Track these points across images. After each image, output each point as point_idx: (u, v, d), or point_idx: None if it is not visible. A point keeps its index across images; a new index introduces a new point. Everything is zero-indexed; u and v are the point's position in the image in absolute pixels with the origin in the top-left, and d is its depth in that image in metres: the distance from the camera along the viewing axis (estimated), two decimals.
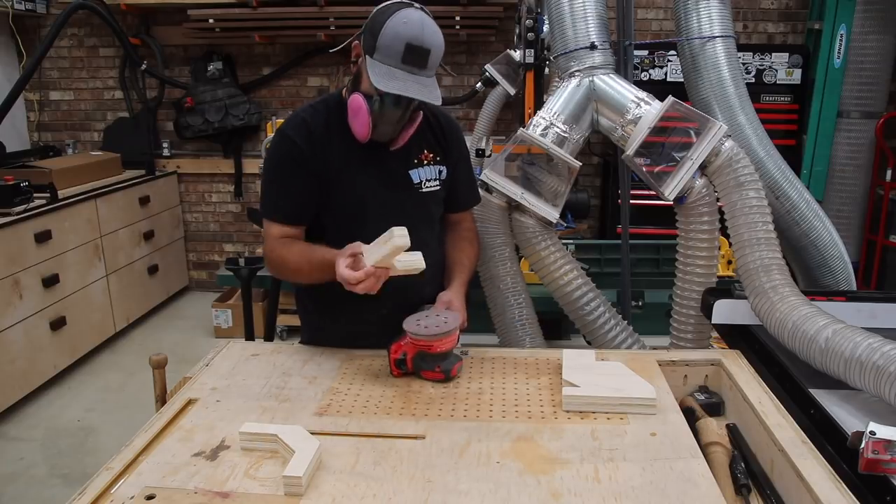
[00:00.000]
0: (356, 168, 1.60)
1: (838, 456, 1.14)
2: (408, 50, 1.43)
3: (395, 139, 1.57)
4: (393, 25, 1.43)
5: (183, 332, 4.28)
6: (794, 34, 4.38)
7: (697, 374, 1.57)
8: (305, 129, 1.58)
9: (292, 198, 1.60)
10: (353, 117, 1.52)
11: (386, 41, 1.43)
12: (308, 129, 1.58)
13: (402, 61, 1.44)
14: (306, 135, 1.57)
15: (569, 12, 2.03)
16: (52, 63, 4.71)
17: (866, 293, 2.71)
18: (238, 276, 2.91)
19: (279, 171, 1.61)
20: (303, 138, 1.57)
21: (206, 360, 1.58)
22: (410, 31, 1.43)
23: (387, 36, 1.43)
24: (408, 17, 1.44)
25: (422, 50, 1.44)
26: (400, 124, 1.55)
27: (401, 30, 1.42)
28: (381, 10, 1.47)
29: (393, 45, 1.43)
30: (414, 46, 1.43)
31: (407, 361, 1.47)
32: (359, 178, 1.60)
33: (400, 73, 1.44)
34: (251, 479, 1.11)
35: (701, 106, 2.28)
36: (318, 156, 1.57)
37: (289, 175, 1.59)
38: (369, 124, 1.50)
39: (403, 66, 1.44)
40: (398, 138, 1.57)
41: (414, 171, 1.65)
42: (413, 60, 1.44)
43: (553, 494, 1.07)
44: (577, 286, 2.01)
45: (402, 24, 1.43)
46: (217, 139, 4.70)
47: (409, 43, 1.43)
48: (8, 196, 3.26)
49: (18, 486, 2.71)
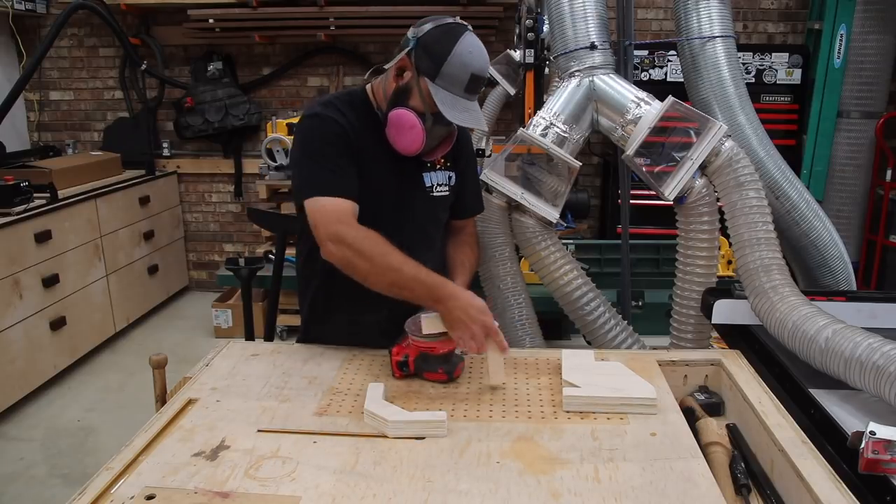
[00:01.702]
0: (376, 167, 1.59)
1: (838, 456, 1.14)
2: (472, 80, 1.48)
3: (433, 152, 1.60)
4: (460, 55, 1.45)
5: (183, 332, 4.28)
6: (794, 34, 4.38)
7: (697, 374, 1.56)
8: (343, 112, 1.56)
9: (346, 172, 1.53)
10: (400, 131, 1.51)
11: (452, 70, 1.46)
12: (344, 113, 1.56)
13: (464, 90, 1.48)
14: (345, 117, 1.56)
15: (569, 12, 2.03)
16: (52, 63, 4.71)
17: (866, 293, 2.71)
18: (238, 276, 2.91)
19: (326, 148, 1.53)
20: (343, 119, 1.55)
21: (206, 360, 1.58)
22: (476, 63, 1.47)
23: (454, 66, 1.46)
24: (472, 47, 1.47)
25: (482, 79, 1.51)
26: (441, 139, 1.59)
27: (467, 60, 1.46)
28: (443, 34, 1.47)
29: (458, 75, 1.46)
30: (477, 77, 1.49)
31: (409, 363, 1.46)
32: (376, 177, 1.59)
33: (462, 102, 1.49)
34: (251, 479, 1.11)
35: (701, 106, 2.28)
36: (353, 140, 1.55)
37: (337, 153, 1.53)
38: (423, 141, 1.51)
39: (465, 95, 1.49)
40: (437, 151, 1.61)
41: (427, 175, 1.65)
42: (473, 88, 1.50)
43: (553, 494, 1.07)
44: (577, 286, 2.01)
45: (469, 55, 1.46)
46: (217, 139, 4.70)
47: (473, 73, 1.47)
48: (8, 196, 3.26)
49: (18, 486, 2.71)
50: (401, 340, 1.48)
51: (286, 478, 1.11)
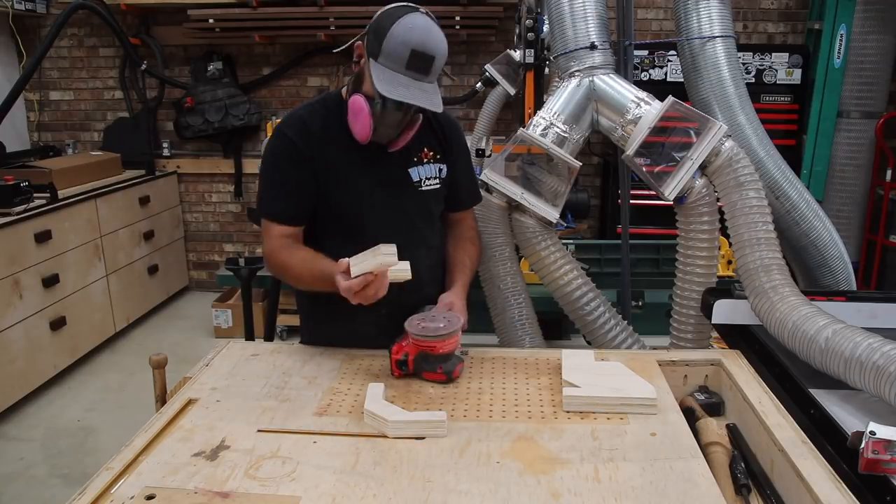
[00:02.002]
0: (355, 167, 1.60)
1: (838, 456, 1.14)
2: (413, 56, 1.43)
3: (394, 141, 1.57)
4: (399, 31, 1.42)
5: (183, 332, 4.28)
6: (794, 34, 4.38)
7: (697, 374, 1.56)
8: (304, 128, 1.58)
9: (291, 197, 1.60)
10: (353, 118, 1.52)
11: (391, 46, 1.43)
12: (306, 128, 1.58)
13: (406, 67, 1.44)
14: (304, 133, 1.57)
15: (569, 12, 2.03)
16: (52, 63, 4.71)
17: (866, 293, 2.71)
18: (238, 276, 2.92)
19: (277, 169, 1.60)
20: (301, 137, 1.57)
21: (206, 360, 1.58)
22: (416, 38, 1.42)
23: (392, 41, 1.42)
24: (414, 23, 1.43)
25: (426, 57, 1.44)
26: (400, 127, 1.55)
27: (406, 36, 1.42)
28: (386, 14, 1.46)
29: (398, 51, 1.43)
30: (419, 53, 1.43)
31: (408, 362, 1.47)
32: (358, 177, 1.60)
33: (403, 79, 1.44)
34: (251, 479, 1.11)
35: (701, 106, 2.28)
36: (316, 154, 1.57)
37: (287, 174, 1.58)
38: (370, 126, 1.49)
39: (407, 72, 1.44)
40: (398, 140, 1.57)
41: (413, 170, 1.65)
42: (417, 67, 1.44)
43: (553, 494, 1.07)
44: (577, 286, 2.01)
45: (408, 30, 1.42)
46: (217, 139, 4.70)
47: (414, 49, 1.42)
48: (8, 196, 3.26)
49: (18, 486, 2.71)
50: (400, 339, 1.49)
51: (286, 478, 1.11)
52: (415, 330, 1.45)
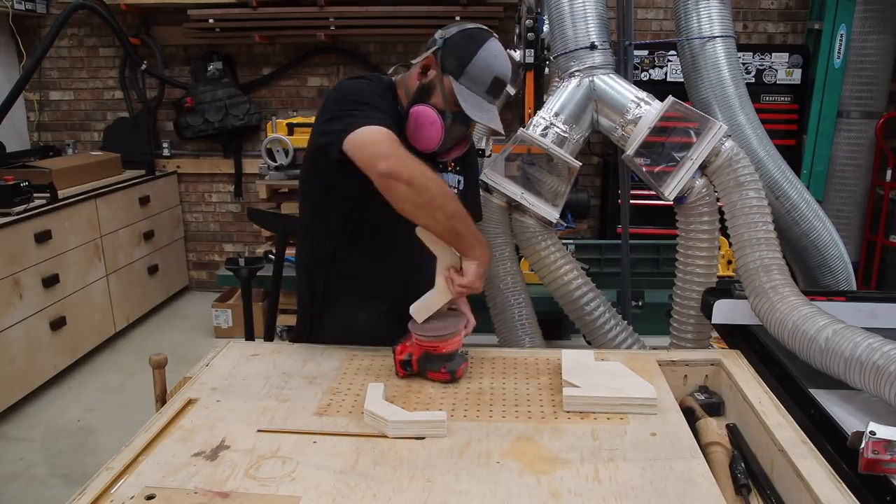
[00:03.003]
0: None
1: (838, 456, 1.14)
2: (494, 82, 1.53)
3: (448, 152, 1.63)
4: (485, 57, 1.51)
5: (183, 332, 4.28)
6: (794, 34, 4.38)
7: (697, 374, 1.56)
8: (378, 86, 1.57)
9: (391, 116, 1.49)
10: (421, 128, 1.53)
11: (476, 70, 1.51)
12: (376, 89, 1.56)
13: (486, 91, 1.53)
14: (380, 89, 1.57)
15: (569, 12, 2.04)
16: (52, 63, 4.71)
17: (866, 293, 2.71)
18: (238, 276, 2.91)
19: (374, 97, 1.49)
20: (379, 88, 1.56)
21: (206, 360, 1.58)
22: (499, 67, 1.53)
23: (478, 66, 1.51)
24: (497, 51, 1.53)
25: (503, 84, 1.56)
26: (457, 140, 1.62)
27: (491, 63, 1.52)
28: (470, 37, 1.53)
29: (482, 76, 1.52)
30: (499, 80, 1.54)
31: (412, 362, 1.46)
32: None
33: (482, 102, 1.54)
34: (251, 479, 1.11)
35: (701, 106, 2.28)
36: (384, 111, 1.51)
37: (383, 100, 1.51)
38: (441, 138, 1.53)
39: (486, 96, 1.54)
40: (452, 151, 1.63)
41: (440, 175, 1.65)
42: (494, 91, 1.55)
43: (553, 494, 1.07)
44: (577, 286, 2.01)
45: (493, 58, 1.52)
46: (217, 139, 4.69)
47: (496, 77, 1.53)
48: (8, 196, 3.26)
49: (18, 486, 2.71)
50: (404, 339, 1.48)
51: (286, 478, 1.11)
52: (418, 330, 1.45)
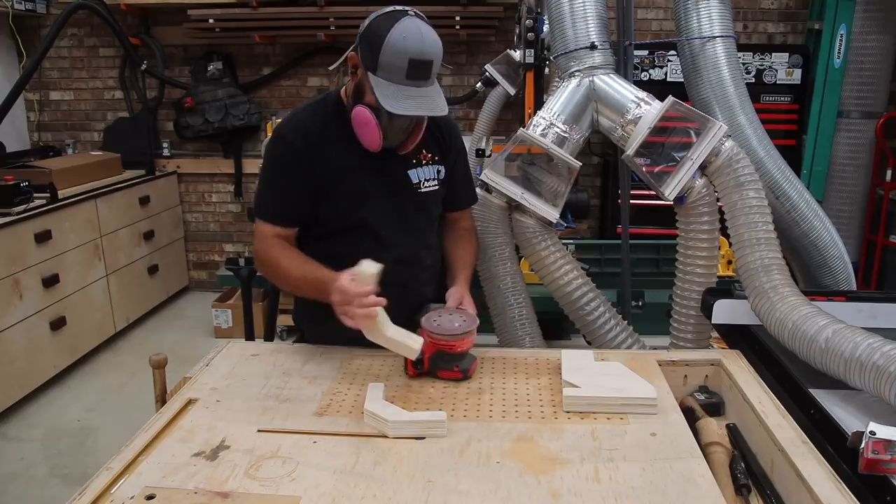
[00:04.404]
0: (355, 170, 1.59)
1: (838, 456, 1.14)
2: (411, 66, 1.41)
3: (404, 144, 1.58)
4: (393, 42, 1.40)
5: (183, 332, 4.28)
6: (794, 34, 4.38)
7: (697, 374, 1.57)
8: (303, 130, 1.58)
9: (287, 199, 1.60)
10: (360, 130, 1.51)
11: (388, 59, 1.41)
12: (306, 130, 1.58)
13: (406, 77, 1.42)
14: (303, 135, 1.57)
15: (569, 12, 2.03)
16: (52, 63, 4.71)
17: (866, 293, 2.71)
18: (238, 276, 2.91)
19: (275, 171, 1.60)
20: (300, 139, 1.56)
21: (206, 360, 1.58)
22: (412, 46, 1.40)
23: (388, 54, 1.41)
24: (406, 31, 1.40)
25: (425, 63, 1.43)
26: (408, 131, 1.56)
27: (401, 46, 1.40)
28: (376, 24, 1.44)
29: (395, 63, 1.41)
30: (417, 61, 1.41)
31: (424, 361, 1.46)
32: (357, 179, 1.60)
33: (406, 90, 1.43)
34: (251, 479, 1.11)
35: (701, 106, 2.28)
36: (314, 156, 1.57)
37: (285, 176, 1.58)
38: (380, 136, 1.50)
39: (408, 82, 1.43)
40: (407, 143, 1.58)
41: (413, 172, 1.65)
42: (417, 74, 1.43)
43: (553, 494, 1.07)
44: (577, 286, 2.01)
45: (403, 40, 1.40)
46: (217, 139, 4.69)
47: (412, 59, 1.41)
48: (8, 196, 3.26)
49: (18, 486, 2.71)
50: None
51: (286, 478, 1.11)
52: (432, 328, 1.44)
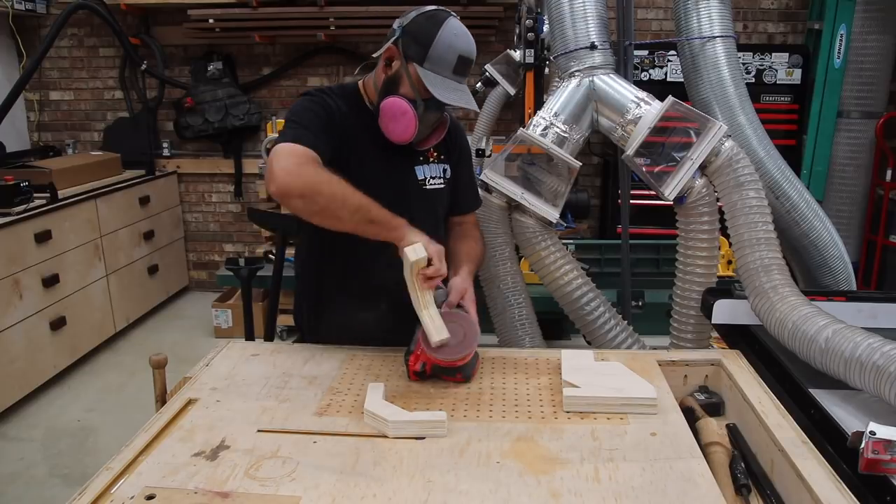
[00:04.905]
0: (364, 159, 1.59)
1: (838, 456, 1.14)
2: (459, 61, 1.51)
3: (427, 139, 1.62)
4: (446, 37, 1.50)
5: (183, 332, 4.28)
6: (794, 34, 4.38)
7: (697, 374, 1.56)
8: (334, 98, 1.59)
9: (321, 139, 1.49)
10: (394, 119, 1.53)
11: (439, 52, 1.49)
12: (335, 100, 1.58)
13: (452, 71, 1.52)
14: (335, 101, 1.58)
15: (569, 12, 2.03)
16: (52, 63, 4.71)
17: (866, 293, 2.72)
18: (238, 276, 2.91)
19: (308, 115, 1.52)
20: (333, 101, 1.57)
21: (206, 360, 1.58)
22: (462, 44, 1.51)
23: (440, 48, 1.49)
24: (457, 30, 1.52)
25: (469, 61, 1.54)
26: (433, 126, 1.61)
27: (453, 41, 1.50)
28: (427, 19, 1.52)
29: (445, 57, 1.50)
30: (464, 58, 1.52)
31: (426, 370, 1.45)
32: (367, 168, 1.59)
33: (450, 83, 1.52)
34: (251, 479, 1.11)
35: (701, 106, 2.28)
36: (339, 125, 1.56)
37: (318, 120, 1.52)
38: (415, 126, 1.52)
39: (453, 76, 1.52)
40: (430, 138, 1.62)
41: (419, 168, 1.66)
42: (461, 70, 1.53)
43: (553, 494, 1.07)
44: (577, 286, 2.01)
45: (454, 37, 1.51)
46: (217, 139, 4.70)
47: (461, 55, 1.51)
48: (8, 196, 3.26)
49: (18, 486, 2.71)
50: (414, 346, 1.46)
51: (286, 478, 1.11)
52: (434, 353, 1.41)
